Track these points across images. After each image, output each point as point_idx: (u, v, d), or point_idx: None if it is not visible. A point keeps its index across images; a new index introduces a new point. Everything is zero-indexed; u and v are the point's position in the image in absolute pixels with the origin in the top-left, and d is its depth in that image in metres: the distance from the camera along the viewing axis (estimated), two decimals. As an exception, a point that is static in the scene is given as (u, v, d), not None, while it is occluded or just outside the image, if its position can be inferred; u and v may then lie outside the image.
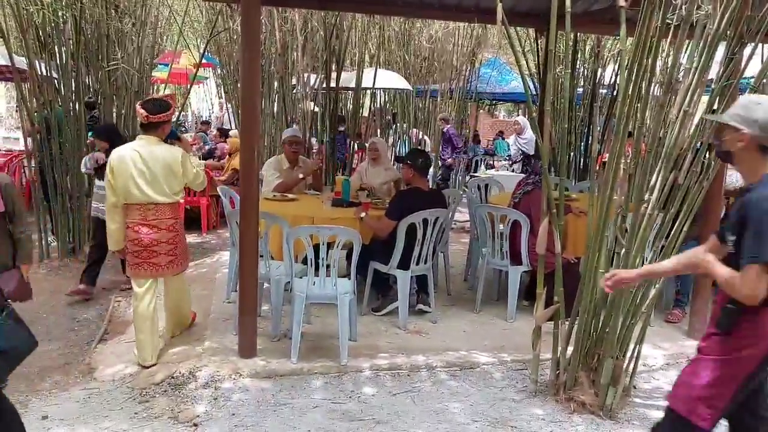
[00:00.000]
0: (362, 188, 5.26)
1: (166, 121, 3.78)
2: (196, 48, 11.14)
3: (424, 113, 11.47)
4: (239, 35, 5.06)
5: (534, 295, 3.68)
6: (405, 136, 10.61)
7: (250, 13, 3.73)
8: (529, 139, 10.22)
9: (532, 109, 4.09)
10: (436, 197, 4.74)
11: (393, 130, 10.91)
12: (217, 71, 11.42)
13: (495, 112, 24.78)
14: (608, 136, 7.33)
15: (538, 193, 4.40)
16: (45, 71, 5.87)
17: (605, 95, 8.20)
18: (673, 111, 3.11)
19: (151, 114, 3.67)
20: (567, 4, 3.24)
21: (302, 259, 4.15)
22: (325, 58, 7.82)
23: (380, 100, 11.10)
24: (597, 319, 3.37)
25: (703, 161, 3.17)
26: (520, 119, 11.28)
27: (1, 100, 19.51)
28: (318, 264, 3.85)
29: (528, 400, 3.51)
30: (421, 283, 4.82)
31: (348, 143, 9.22)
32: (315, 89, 8.00)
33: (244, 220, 3.80)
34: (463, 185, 10.45)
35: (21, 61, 6.14)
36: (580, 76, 8.19)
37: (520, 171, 10.61)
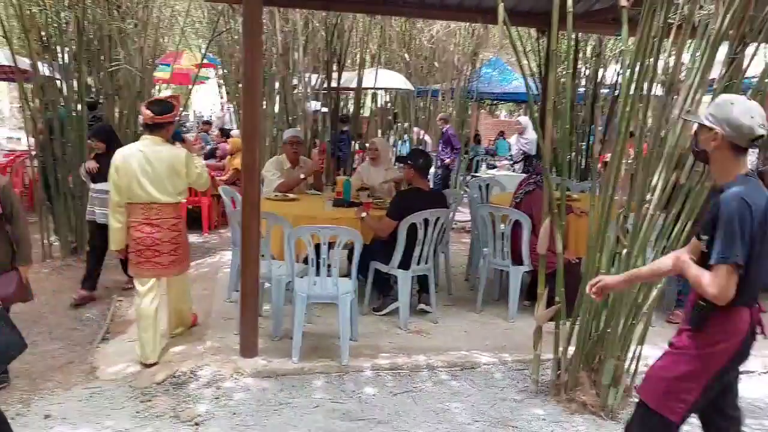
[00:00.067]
0: (363, 188, 5.26)
1: (171, 122, 3.81)
2: (197, 48, 11.15)
3: (425, 113, 11.47)
4: (241, 35, 5.07)
5: (535, 295, 3.68)
6: (406, 136, 10.60)
7: (251, 14, 3.73)
8: (530, 140, 10.19)
9: (533, 109, 4.08)
10: (436, 197, 4.74)
11: (394, 130, 10.90)
12: (219, 71, 11.43)
13: (496, 112, 24.76)
14: (610, 136, 7.32)
15: (540, 193, 4.40)
16: (47, 72, 5.89)
17: (607, 95, 8.20)
18: (674, 111, 3.11)
19: (157, 115, 3.69)
20: (569, 3, 3.24)
21: (303, 259, 4.15)
22: (326, 58, 7.82)
23: (381, 100, 11.09)
24: (598, 320, 3.37)
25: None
26: (522, 119, 11.25)
27: (4, 100, 19.54)
28: (319, 264, 3.86)
29: (529, 400, 3.51)
30: (422, 283, 4.83)
31: (351, 143, 9.22)
32: (316, 89, 8.01)
33: (246, 220, 3.81)
34: (464, 185, 10.42)
35: (24, 61, 6.15)
36: (581, 76, 8.18)
37: (521, 171, 10.58)
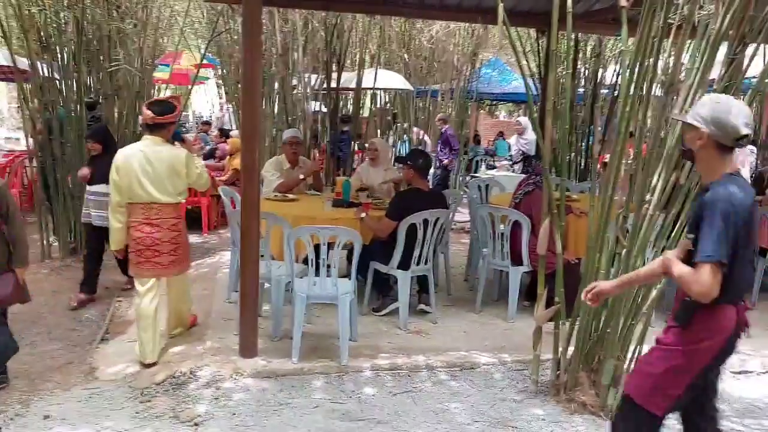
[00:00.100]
0: (362, 188, 5.26)
1: (172, 122, 3.82)
2: (197, 49, 11.14)
3: (424, 113, 11.46)
4: (240, 36, 5.07)
5: (534, 295, 3.68)
6: (405, 136, 10.59)
7: (251, 14, 3.73)
8: (530, 140, 10.18)
9: (533, 110, 4.08)
10: (436, 198, 4.74)
11: (393, 130, 10.89)
12: (218, 72, 11.42)
13: (496, 112, 24.77)
14: (609, 136, 7.32)
15: (539, 194, 4.40)
16: (47, 72, 5.88)
17: (606, 95, 8.20)
18: (674, 111, 3.11)
19: (158, 115, 3.70)
20: (568, 4, 3.24)
21: (303, 260, 4.15)
22: (325, 58, 7.82)
23: (381, 100, 11.10)
24: (598, 320, 3.37)
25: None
26: (522, 120, 11.25)
27: (3, 100, 19.53)
28: (318, 264, 3.86)
29: (528, 400, 3.51)
30: (422, 284, 4.83)
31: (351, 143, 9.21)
32: (316, 90, 8.01)
33: (245, 221, 3.81)
34: (464, 186, 10.41)
35: (23, 61, 6.15)
36: (581, 76, 8.18)
37: (520, 171, 10.57)
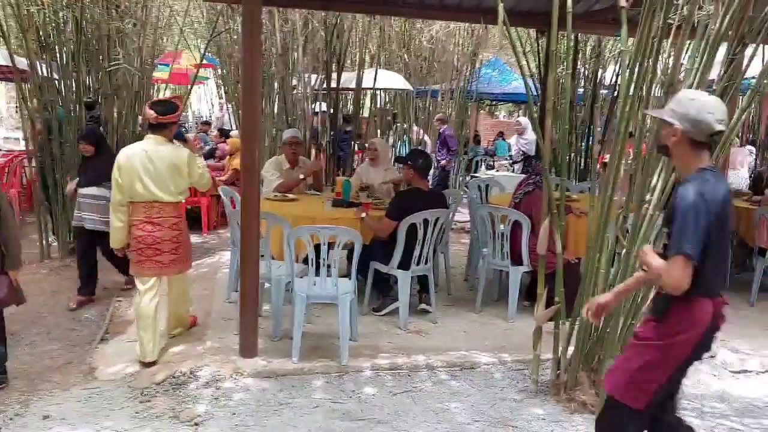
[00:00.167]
0: (362, 188, 5.26)
1: (174, 122, 3.84)
2: (196, 48, 11.14)
3: (424, 114, 11.46)
4: (240, 35, 5.07)
5: (534, 295, 3.69)
6: (405, 137, 10.59)
7: (250, 14, 3.73)
8: (530, 140, 10.19)
9: (533, 110, 4.09)
10: (436, 198, 4.74)
11: (393, 130, 10.89)
12: (218, 72, 11.40)
13: (495, 112, 24.77)
14: (609, 136, 7.32)
15: (539, 194, 4.40)
16: (46, 72, 5.88)
17: (606, 96, 8.20)
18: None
19: (160, 115, 3.72)
20: (568, 4, 3.24)
21: (303, 259, 4.15)
22: (325, 58, 7.82)
23: (380, 100, 11.09)
24: (598, 320, 3.37)
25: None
26: (522, 120, 11.25)
27: (2, 100, 19.51)
28: (319, 264, 3.86)
29: (529, 400, 3.51)
30: (422, 283, 4.83)
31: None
32: (316, 90, 8.00)
33: (245, 220, 3.81)
34: (464, 186, 10.41)
35: (21, 61, 6.14)
36: (581, 76, 8.18)
37: (520, 171, 10.57)
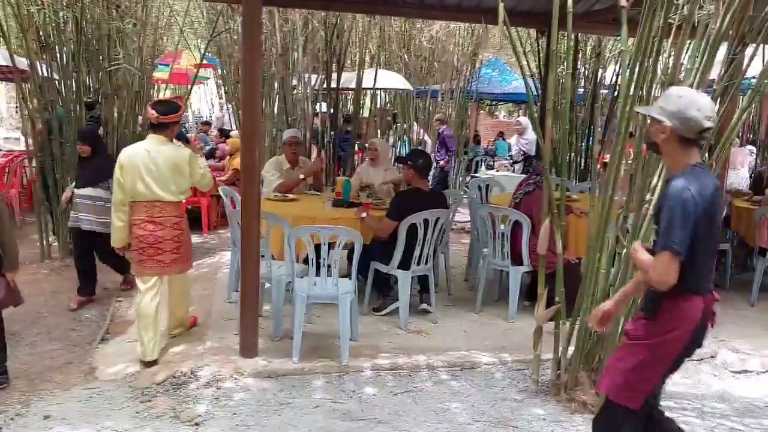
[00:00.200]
0: (363, 188, 5.26)
1: (176, 122, 3.85)
2: (196, 48, 11.14)
3: (424, 114, 11.46)
4: (240, 35, 5.07)
5: (535, 295, 3.69)
6: (405, 137, 10.59)
7: (251, 14, 3.73)
8: (530, 140, 10.18)
9: (533, 110, 4.09)
10: (436, 198, 4.74)
11: (393, 130, 10.89)
12: (218, 72, 11.40)
13: (495, 112, 24.76)
14: (609, 136, 7.32)
15: (539, 194, 4.40)
16: (46, 72, 5.88)
17: (606, 96, 8.20)
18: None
19: (162, 115, 3.73)
20: (569, 4, 3.24)
21: (303, 259, 4.15)
22: (325, 58, 7.82)
23: (381, 100, 11.10)
24: (598, 320, 3.37)
25: (704, 161, 3.16)
26: (522, 120, 11.24)
27: (2, 100, 19.51)
28: (319, 264, 3.86)
29: (529, 400, 3.51)
30: (423, 283, 4.83)
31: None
32: (316, 90, 8.00)
33: (246, 221, 3.81)
34: (464, 186, 10.40)
35: (22, 61, 6.15)
36: (581, 76, 8.18)
37: (521, 171, 10.56)
